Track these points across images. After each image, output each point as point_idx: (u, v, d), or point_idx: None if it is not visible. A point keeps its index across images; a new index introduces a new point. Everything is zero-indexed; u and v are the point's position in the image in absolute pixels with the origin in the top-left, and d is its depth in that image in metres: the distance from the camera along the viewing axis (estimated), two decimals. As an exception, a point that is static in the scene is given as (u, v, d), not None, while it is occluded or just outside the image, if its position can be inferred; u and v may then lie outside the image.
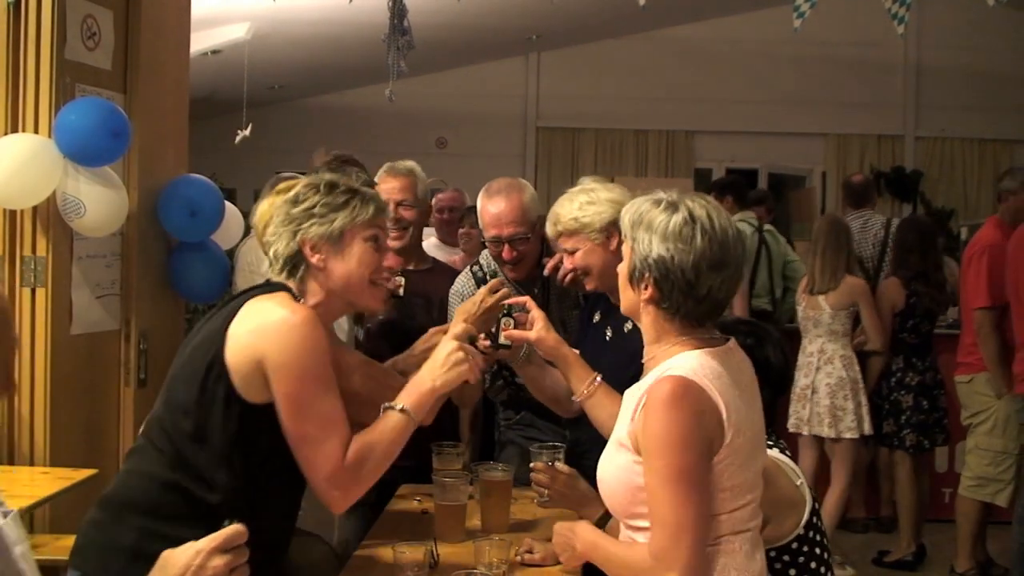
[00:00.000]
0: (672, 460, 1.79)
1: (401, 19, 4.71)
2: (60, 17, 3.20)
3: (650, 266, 1.89)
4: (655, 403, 1.83)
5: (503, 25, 9.13)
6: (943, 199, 10.50)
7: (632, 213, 1.96)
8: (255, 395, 1.97)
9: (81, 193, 3.17)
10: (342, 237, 2.11)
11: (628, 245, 1.96)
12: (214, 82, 8.26)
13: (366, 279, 2.14)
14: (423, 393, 2.13)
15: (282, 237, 2.12)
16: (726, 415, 1.83)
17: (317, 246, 2.10)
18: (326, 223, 2.10)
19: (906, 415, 5.05)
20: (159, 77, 3.71)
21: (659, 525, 1.81)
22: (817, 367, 4.86)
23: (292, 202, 2.14)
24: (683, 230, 1.88)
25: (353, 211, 2.12)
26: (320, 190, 2.13)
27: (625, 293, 1.99)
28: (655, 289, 1.90)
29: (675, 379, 1.84)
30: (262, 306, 2.01)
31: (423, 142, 10.76)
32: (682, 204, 1.92)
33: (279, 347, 1.95)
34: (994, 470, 4.66)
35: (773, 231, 6.00)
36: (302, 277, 2.11)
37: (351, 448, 2.00)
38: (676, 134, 10.93)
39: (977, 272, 4.59)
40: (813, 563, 2.27)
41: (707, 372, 1.86)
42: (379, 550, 2.45)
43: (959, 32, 10.13)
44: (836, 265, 4.88)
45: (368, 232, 2.14)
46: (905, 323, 5.03)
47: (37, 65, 3.18)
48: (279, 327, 1.96)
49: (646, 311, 1.94)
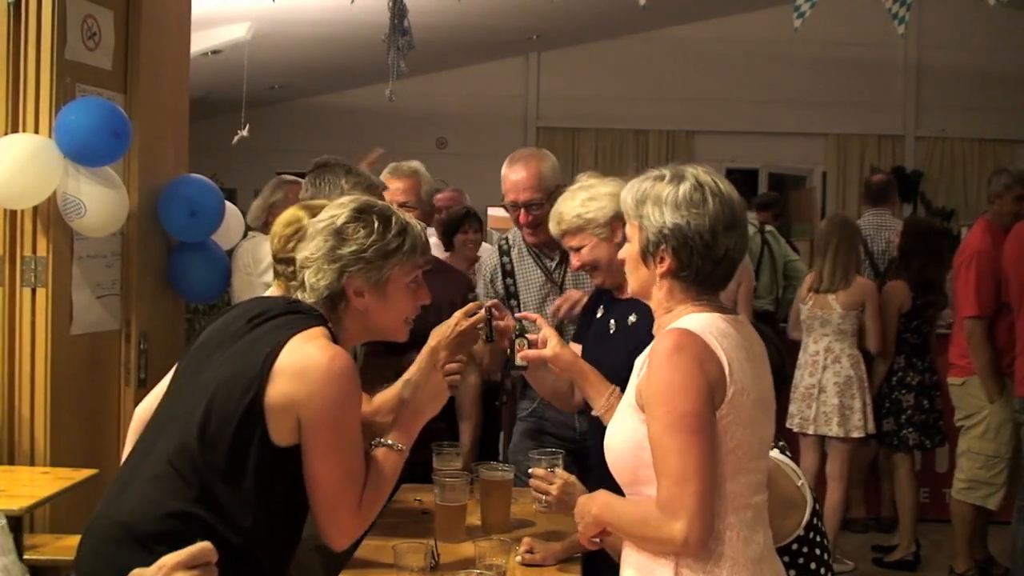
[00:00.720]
0: (674, 407, 1.79)
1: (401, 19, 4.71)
2: (60, 17, 3.20)
3: (666, 236, 1.90)
4: (658, 354, 1.84)
5: (503, 25, 9.13)
6: (943, 199, 10.50)
7: (635, 193, 1.96)
8: (283, 438, 1.93)
9: (81, 193, 3.17)
10: (388, 282, 2.07)
11: (634, 225, 1.96)
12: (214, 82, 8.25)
13: (402, 320, 2.15)
14: (415, 425, 2.16)
15: (325, 274, 2.05)
16: (728, 369, 1.83)
17: (362, 290, 2.06)
18: (375, 269, 2.05)
19: (907, 414, 5.05)
20: (159, 77, 3.72)
21: (664, 475, 1.80)
22: (824, 366, 4.84)
23: (338, 236, 2.05)
24: (694, 196, 1.90)
25: (403, 256, 2.08)
26: (373, 228, 2.06)
27: (637, 273, 1.98)
28: (673, 259, 1.91)
29: (678, 331, 1.85)
30: (305, 349, 1.94)
31: (423, 142, 10.76)
32: (686, 173, 1.94)
33: (320, 396, 1.91)
34: (986, 473, 4.65)
35: (774, 232, 5.98)
36: (339, 312, 2.08)
37: (363, 496, 2.01)
38: (676, 134, 10.93)
39: (966, 281, 4.58)
40: (813, 564, 2.27)
41: (712, 329, 1.86)
42: (379, 550, 2.45)
43: (959, 32, 10.14)
44: (847, 265, 4.87)
45: (412, 276, 2.12)
46: (909, 323, 5.03)
47: (37, 65, 3.19)
48: (322, 376, 1.92)
49: (661, 285, 1.94)
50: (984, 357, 4.53)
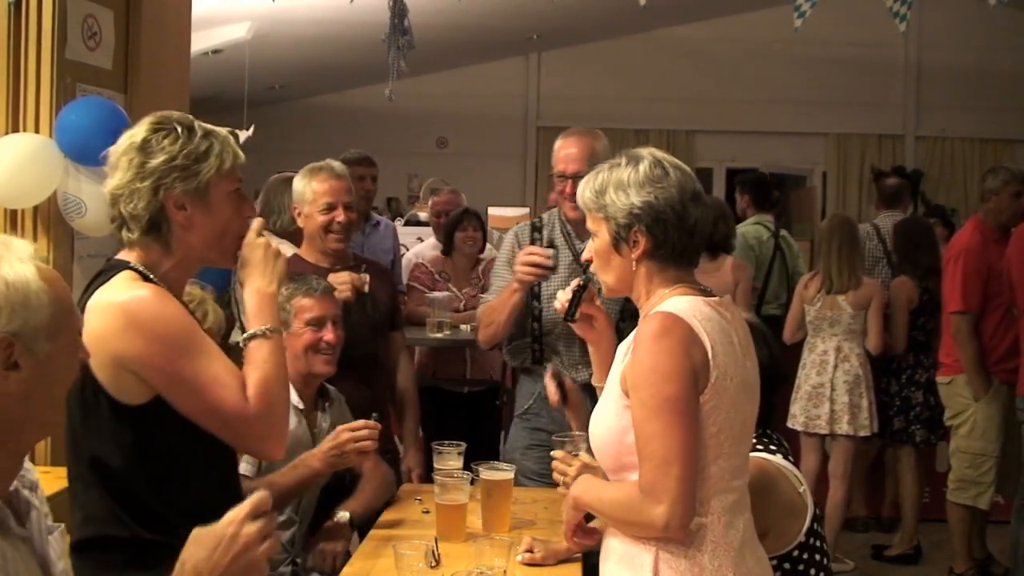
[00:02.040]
0: (658, 391, 1.78)
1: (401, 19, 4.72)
2: (61, 17, 3.19)
3: (637, 216, 1.89)
4: (643, 339, 1.83)
5: (503, 25, 9.13)
6: (943, 199, 10.50)
7: (592, 185, 1.95)
8: (133, 396, 1.82)
9: (82, 193, 3.17)
10: (208, 189, 1.90)
11: (598, 218, 1.94)
12: (215, 82, 8.27)
13: (234, 238, 1.98)
14: (262, 304, 1.96)
15: (140, 195, 1.87)
16: (712, 353, 1.82)
17: (183, 202, 1.89)
18: (191, 176, 1.88)
19: (915, 411, 5.05)
20: (160, 77, 3.71)
21: (647, 459, 1.79)
22: (835, 365, 4.84)
23: (143, 152, 1.88)
24: (655, 172, 1.90)
25: (216, 159, 1.91)
26: (178, 134, 1.89)
27: (610, 266, 1.96)
28: (648, 237, 1.90)
29: (662, 314, 1.85)
30: (100, 305, 1.83)
31: (423, 142, 10.77)
32: (642, 152, 1.94)
33: (129, 336, 1.79)
34: (974, 472, 4.64)
35: (787, 238, 5.90)
36: (166, 236, 1.91)
37: (249, 393, 1.85)
38: (676, 134, 10.93)
39: (953, 276, 4.57)
40: (813, 570, 2.26)
41: (695, 313, 1.85)
42: (379, 550, 2.45)
43: (959, 32, 10.14)
44: (853, 264, 4.87)
45: (233, 184, 1.96)
46: (916, 320, 5.03)
47: (38, 65, 3.18)
48: (122, 314, 1.80)
49: (639, 271, 1.93)
50: (970, 353, 4.52)
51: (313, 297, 2.87)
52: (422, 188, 8.11)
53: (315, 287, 2.89)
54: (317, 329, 2.85)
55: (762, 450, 2.29)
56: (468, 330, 4.67)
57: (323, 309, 2.87)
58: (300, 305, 2.86)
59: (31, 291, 1.35)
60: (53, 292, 1.39)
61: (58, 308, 1.39)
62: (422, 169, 9.67)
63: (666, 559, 1.84)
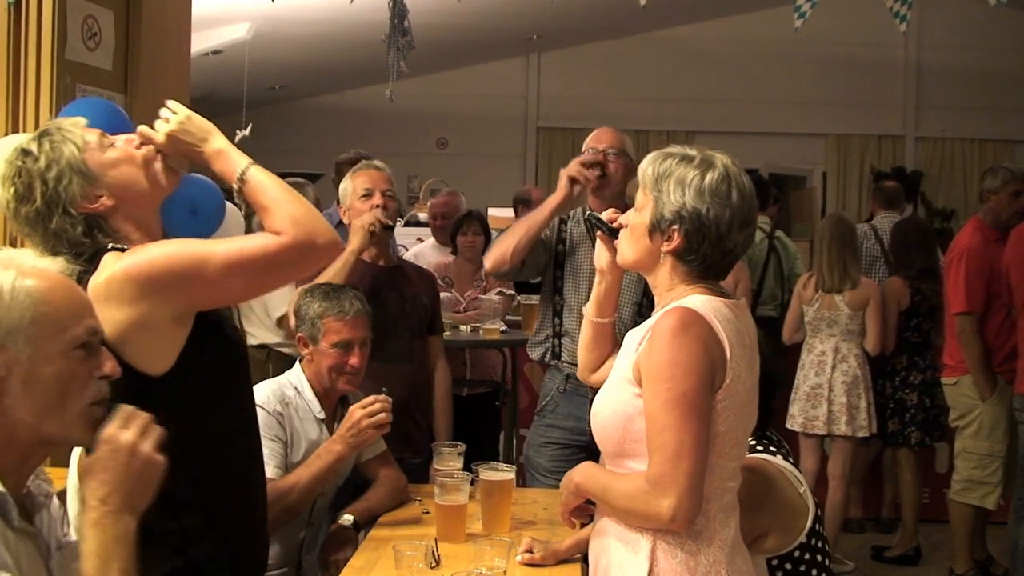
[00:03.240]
0: (676, 384, 1.78)
1: (401, 19, 4.72)
2: (60, 17, 3.20)
3: (683, 218, 1.88)
4: (662, 331, 1.83)
5: (503, 25, 9.13)
6: (943, 199, 10.51)
7: (657, 166, 1.94)
8: (158, 362, 1.80)
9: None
10: (100, 168, 1.88)
11: (649, 196, 1.93)
12: (214, 82, 8.26)
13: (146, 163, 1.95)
14: (227, 154, 1.96)
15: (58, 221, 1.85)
16: (729, 355, 1.83)
17: (91, 194, 1.87)
18: (74, 174, 1.85)
19: (911, 413, 5.05)
20: (159, 77, 3.71)
21: (658, 451, 1.79)
22: (833, 365, 4.84)
23: (21, 192, 1.85)
24: (720, 187, 1.89)
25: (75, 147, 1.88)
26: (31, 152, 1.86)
27: (638, 244, 1.95)
28: (683, 240, 1.89)
29: (683, 309, 1.85)
30: (97, 283, 1.79)
31: (423, 142, 10.77)
32: (716, 161, 1.93)
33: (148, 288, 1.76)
34: (981, 473, 4.64)
35: (783, 238, 5.90)
36: (111, 226, 1.89)
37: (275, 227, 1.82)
38: (676, 134, 10.92)
39: (956, 276, 4.56)
40: (815, 570, 2.27)
41: (715, 312, 1.86)
42: (379, 550, 2.45)
43: (959, 32, 10.14)
44: (844, 262, 4.86)
45: (104, 145, 1.92)
46: (909, 322, 5.03)
47: (38, 65, 3.18)
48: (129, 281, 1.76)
49: (664, 262, 1.93)
50: (975, 353, 4.52)
51: (343, 321, 2.88)
52: (422, 189, 8.10)
53: (347, 310, 2.89)
54: (344, 352, 2.86)
55: (762, 451, 2.29)
56: (468, 331, 4.67)
57: (352, 333, 2.88)
58: (330, 327, 2.87)
59: (3, 291, 1.40)
60: (43, 298, 1.42)
61: (44, 313, 1.42)
62: (422, 170, 9.67)
63: (664, 548, 1.84)
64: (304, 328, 2.89)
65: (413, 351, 3.44)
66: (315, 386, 2.88)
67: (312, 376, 2.89)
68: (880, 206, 6.10)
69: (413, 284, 3.52)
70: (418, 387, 3.47)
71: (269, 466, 2.64)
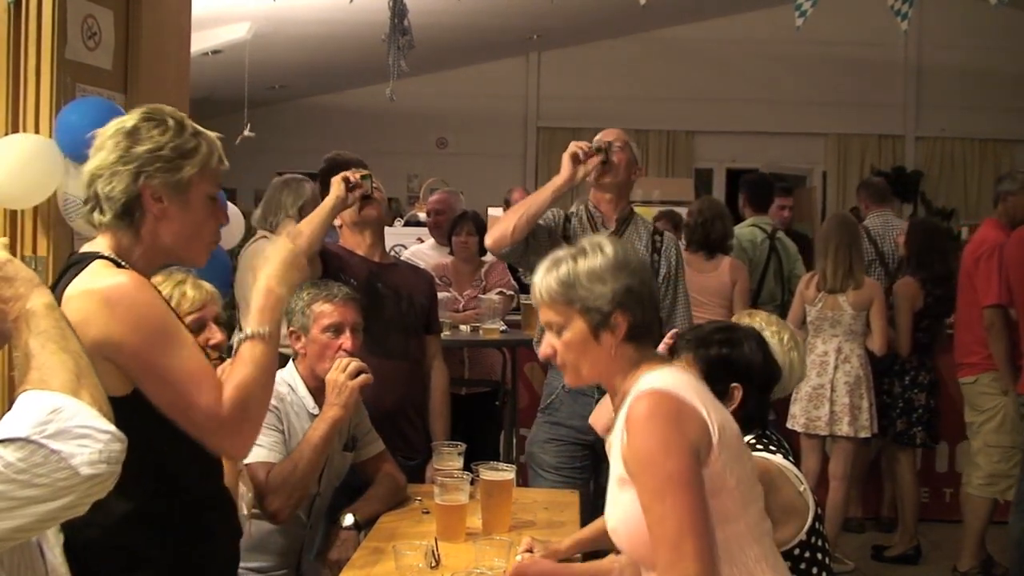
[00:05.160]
0: (658, 470, 1.77)
1: (401, 19, 4.72)
2: (60, 17, 3.19)
3: (620, 303, 1.89)
4: (634, 421, 1.81)
5: (503, 25, 9.14)
6: (943, 199, 10.51)
7: (557, 278, 1.92)
8: (116, 388, 1.75)
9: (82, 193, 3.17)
10: (188, 187, 1.90)
11: (571, 309, 1.91)
12: (214, 82, 8.27)
13: (206, 240, 1.98)
14: (268, 305, 1.94)
15: (119, 178, 1.86)
16: (707, 414, 1.82)
17: (160, 194, 1.88)
18: (173, 170, 1.88)
19: (918, 413, 5.05)
20: (159, 77, 3.71)
21: (660, 542, 1.76)
22: (835, 366, 4.83)
23: (130, 137, 1.88)
24: (620, 256, 1.93)
25: (201, 159, 1.91)
26: (168, 127, 1.90)
27: (588, 355, 1.92)
28: (627, 319, 1.89)
29: (648, 393, 1.83)
30: (79, 292, 1.79)
31: (423, 142, 10.78)
32: (596, 241, 1.96)
33: (108, 322, 1.75)
34: (1005, 466, 4.67)
35: (784, 239, 5.86)
36: (136, 223, 1.89)
37: (225, 394, 1.82)
38: (676, 134, 10.94)
39: (988, 271, 4.60)
40: (815, 568, 2.27)
41: (676, 382, 1.86)
42: (379, 550, 2.45)
43: (959, 32, 10.15)
44: (849, 263, 4.86)
45: (213, 187, 1.96)
46: (920, 322, 5.03)
47: (38, 65, 3.18)
48: (103, 301, 1.76)
49: (619, 353, 1.91)
50: (1003, 346, 4.56)
51: (333, 303, 2.87)
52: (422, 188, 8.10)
53: (335, 293, 2.89)
54: (335, 336, 2.85)
55: (762, 450, 2.29)
56: (468, 330, 4.67)
57: (342, 316, 2.86)
58: (319, 311, 2.86)
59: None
60: None
61: None
62: (422, 169, 9.68)
63: None
64: (295, 321, 2.88)
65: (409, 349, 3.43)
66: (308, 383, 2.87)
67: (305, 373, 2.88)
68: (871, 203, 6.06)
69: (410, 282, 3.52)
70: (414, 386, 3.46)
71: (273, 453, 2.67)
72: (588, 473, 3.45)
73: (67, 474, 1.24)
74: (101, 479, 1.27)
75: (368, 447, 2.98)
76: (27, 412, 1.26)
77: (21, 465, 1.21)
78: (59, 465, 1.23)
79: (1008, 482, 4.66)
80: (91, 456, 1.25)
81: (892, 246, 5.81)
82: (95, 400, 1.33)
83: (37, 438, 1.23)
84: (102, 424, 1.29)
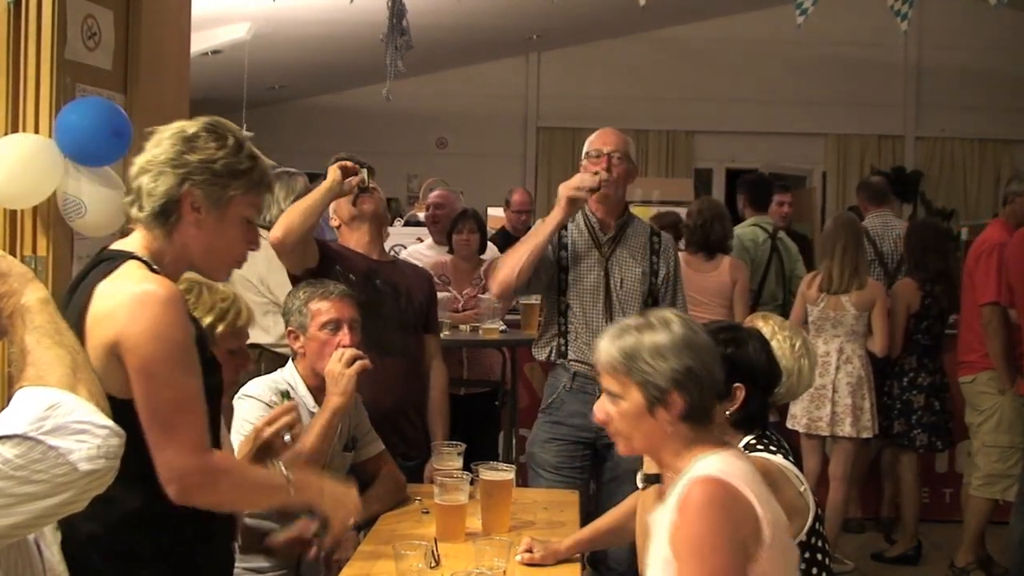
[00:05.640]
0: (703, 563, 1.75)
1: (400, 19, 4.72)
2: (60, 17, 3.19)
3: (678, 382, 1.87)
4: (689, 506, 1.79)
5: (503, 25, 9.13)
6: (943, 199, 10.50)
7: (621, 348, 1.90)
8: (121, 388, 1.78)
9: (82, 193, 3.17)
10: (228, 204, 1.93)
11: (628, 381, 1.90)
12: (214, 82, 8.26)
13: (232, 256, 2.01)
14: (309, 488, 2.05)
15: (165, 178, 1.89)
16: (761, 512, 1.81)
17: (199, 205, 1.91)
18: (219, 186, 1.91)
19: (917, 415, 5.04)
20: (160, 77, 3.71)
21: None
22: (837, 366, 4.83)
23: (187, 143, 1.91)
24: (688, 336, 1.90)
25: (249, 183, 1.95)
26: (226, 144, 1.93)
27: (641, 428, 1.91)
28: (684, 400, 1.88)
29: (706, 480, 1.81)
30: (112, 288, 1.81)
31: (423, 142, 10.77)
32: (666, 316, 1.93)
33: (131, 322, 1.77)
34: (1003, 466, 4.67)
35: (785, 239, 5.86)
36: (169, 225, 1.92)
37: (222, 453, 1.85)
38: (676, 134, 10.93)
39: (987, 269, 4.61)
40: (815, 569, 2.27)
41: (735, 470, 1.84)
42: (379, 550, 2.45)
43: (959, 32, 10.14)
44: (856, 264, 4.86)
45: (252, 212, 1.99)
46: (919, 324, 5.03)
47: (37, 65, 3.18)
48: (134, 302, 1.78)
49: (671, 432, 1.90)
50: (999, 344, 4.56)
51: (329, 300, 2.87)
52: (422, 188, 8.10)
53: (332, 290, 2.89)
54: (333, 332, 2.85)
55: (762, 450, 2.29)
56: (467, 330, 4.67)
57: (339, 312, 2.86)
58: (316, 308, 2.86)
59: None
60: None
61: None
62: (422, 169, 9.67)
63: None
64: (293, 320, 2.89)
65: (407, 346, 3.43)
66: (308, 382, 2.87)
67: (305, 372, 2.88)
68: (870, 203, 6.06)
69: (408, 280, 3.51)
70: (413, 384, 3.45)
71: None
72: (588, 473, 3.46)
73: (65, 470, 1.23)
74: (100, 474, 1.26)
75: (368, 447, 2.97)
76: (24, 408, 1.26)
77: (19, 462, 1.21)
78: (57, 461, 1.23)
79: (1007, 482, 4.66)
80: (89, 451, 1.25)
81: (892, 246, 5.81)
82: (92, 395, 1.33)
83: (35, 434, 1.22)
84: (100, 419, 1.29)
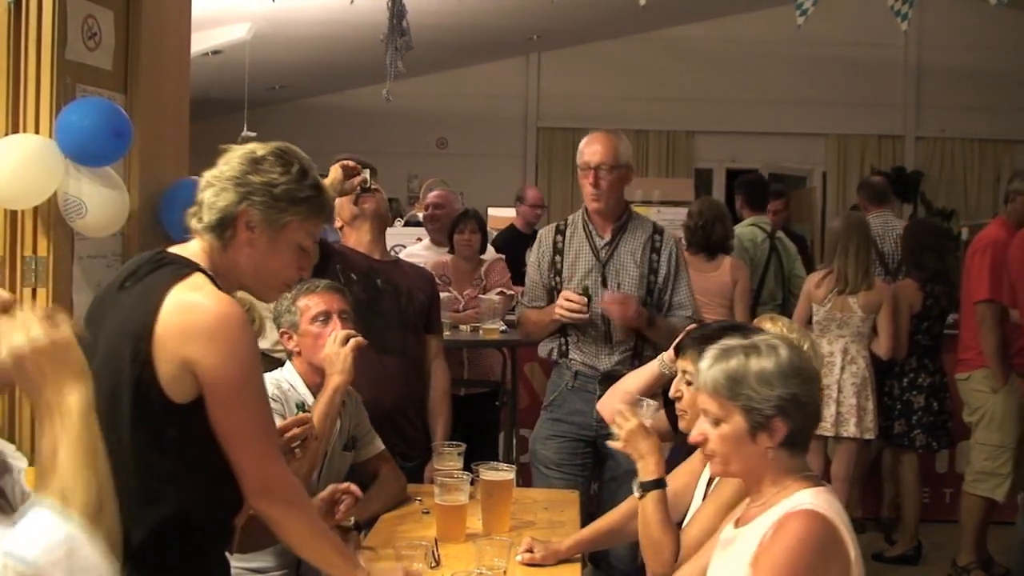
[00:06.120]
0: None
1: (400, 19, 4.72)
2: (60, 17, 3.19)
3: (783, 409, 1.87)
4: (788, 533, 1.79)
5: (503, 25, 9.13)
6: (943, 199, 10.50)
7: (726, 372, 1.90)
8: (182, 395, 1.84)
9: (83, 193, 3.17)
10: (283, 230, 1.98)
11: (732, 406, 1.89)
12: (214, 82, 8.26)
13: (280, 279, 2.05)
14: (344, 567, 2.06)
15: (227, 194, 1.95)
16: (853, 556, 1.82)
17: (255, 225, 1.96)
18: (277, 211, 1.96)
19: (917, 415, 5.05)
20: (160, 77, 3.71)
21: None
22: (841, 367, 4.83)
23: (253, 164, 1.97)
24: (796, 363, 1.90)
25: (308, 210, 2.00)
26: (291, 171, 1.98)
27: (741, 452, 1.91)
28: (787, 427, 1.88)
29: (810, 513, 1.82)
30: (189, 300, 1.85)
31: (423, 142, 10.77)
32: (774, 344, 1.91)
33: (212, 344, 1.83)
34: (992, 464, 4.67)
35: (783, 239, 5.86)
36: (224, 240, 1.97)
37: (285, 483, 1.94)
38: (676, 134, 10.93)
39: (980, 266, 4.62)
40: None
41: (834, 509, 1.85)
42: (379, 550, 2.45)
43: (959, 32, 10.14)
44: (867, 265, 4.87)
45: (307, 239, 2.03)
46: (920, 324, 5.03)
47: (38, 65, 3.18)
48: (211, 326, 1.83)
49: (775, 457, 1.90)
50: (993, 342, 4.56)
51: (316, 294, 2.87)
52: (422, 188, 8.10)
53: (317, 284, 2.90)
54: (324, 324, 2.85)
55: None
56: (468, 331, 4.67)
57: (328, 304, 2.87)
58: (304, 304, 2.87)
59: None
60: None
61: None
62: (422, 169, 9.66)
63: None
64: (284, 321, 2.90)
65: (408, 345, 3.43)
66: (307, 379, 2.87)
67: (303, 370, 2.88)
68: (870, 203, 6.06)
69: (409, 280, 3.52)
70: (413, 384, 3.46)
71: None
72: (589, 471, 3.47)
73: None
74: None
75: (368, 447, 2.97)
76: (43, 535, 1.26)
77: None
78: None
79: (996, 480, 4.66)
80: None
81: (892, 246, 5.81)
82: (110, 535, 1.33)
83: (46, 568, 1.24)
84: (107, 570, 1.30)
